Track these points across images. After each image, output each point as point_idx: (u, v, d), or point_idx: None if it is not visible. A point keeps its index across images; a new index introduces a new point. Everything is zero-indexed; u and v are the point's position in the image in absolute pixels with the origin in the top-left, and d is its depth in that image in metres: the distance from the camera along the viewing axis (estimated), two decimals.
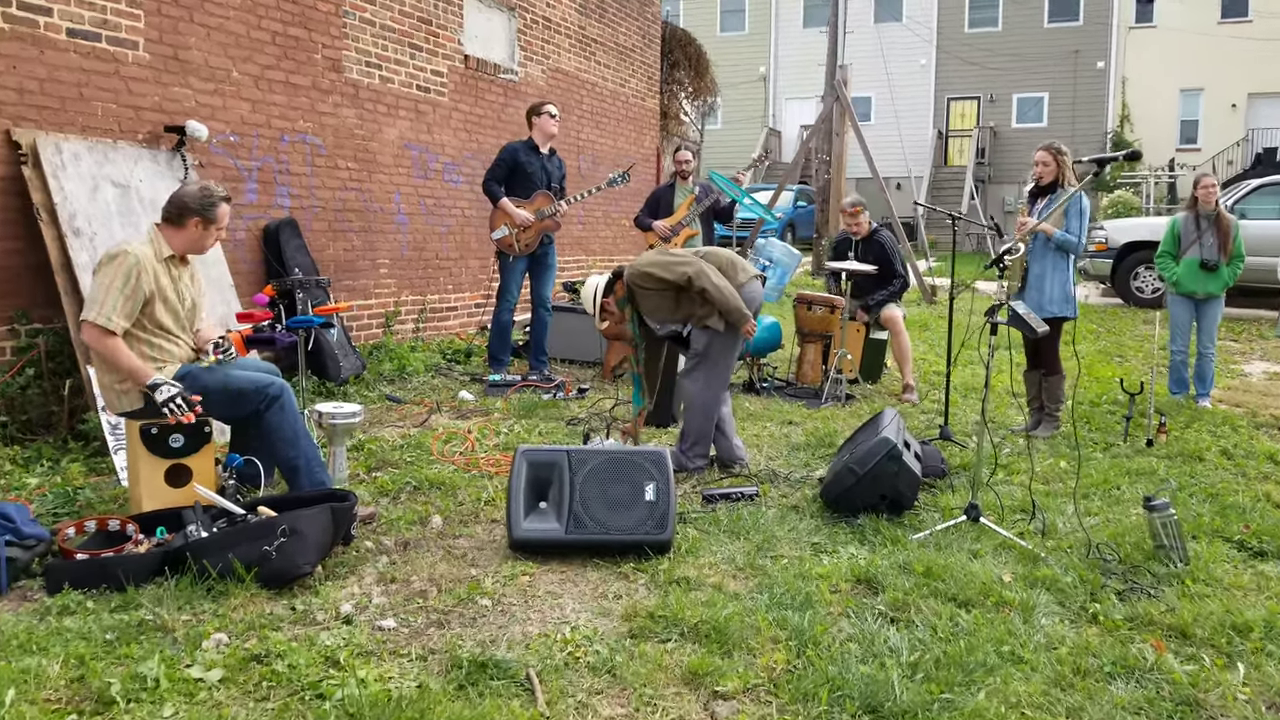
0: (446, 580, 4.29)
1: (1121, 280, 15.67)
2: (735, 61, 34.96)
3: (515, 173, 8.43)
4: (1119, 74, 33.32)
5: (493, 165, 8.49)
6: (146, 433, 4.74)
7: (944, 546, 4.82)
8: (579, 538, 4.54)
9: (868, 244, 8.81)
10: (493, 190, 8.36)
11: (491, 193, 8.36)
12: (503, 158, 8.45)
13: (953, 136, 35.75)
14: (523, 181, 8.43)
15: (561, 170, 8.68)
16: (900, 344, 8.58)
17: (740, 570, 4.50)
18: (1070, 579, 4.47)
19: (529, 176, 8.42)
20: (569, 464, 4.67)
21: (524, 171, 8.41)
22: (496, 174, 8.41)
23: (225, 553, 4.12)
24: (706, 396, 6.01)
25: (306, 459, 4.95)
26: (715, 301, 5.74)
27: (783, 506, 5.43)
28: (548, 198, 8.38)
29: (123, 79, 6.76)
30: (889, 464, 5.13)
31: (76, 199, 6.19)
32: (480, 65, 10.61)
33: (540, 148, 8.50)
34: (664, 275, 5.79)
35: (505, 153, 8.48)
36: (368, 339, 9.09)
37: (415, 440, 6.51)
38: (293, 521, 4.17)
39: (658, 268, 5.82)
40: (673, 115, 16.87)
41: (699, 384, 6.01)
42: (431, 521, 5.02)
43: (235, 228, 7.67)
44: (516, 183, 8.43)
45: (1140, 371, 10.24)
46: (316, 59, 8.40)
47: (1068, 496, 5.77)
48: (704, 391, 6.00)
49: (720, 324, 5.84)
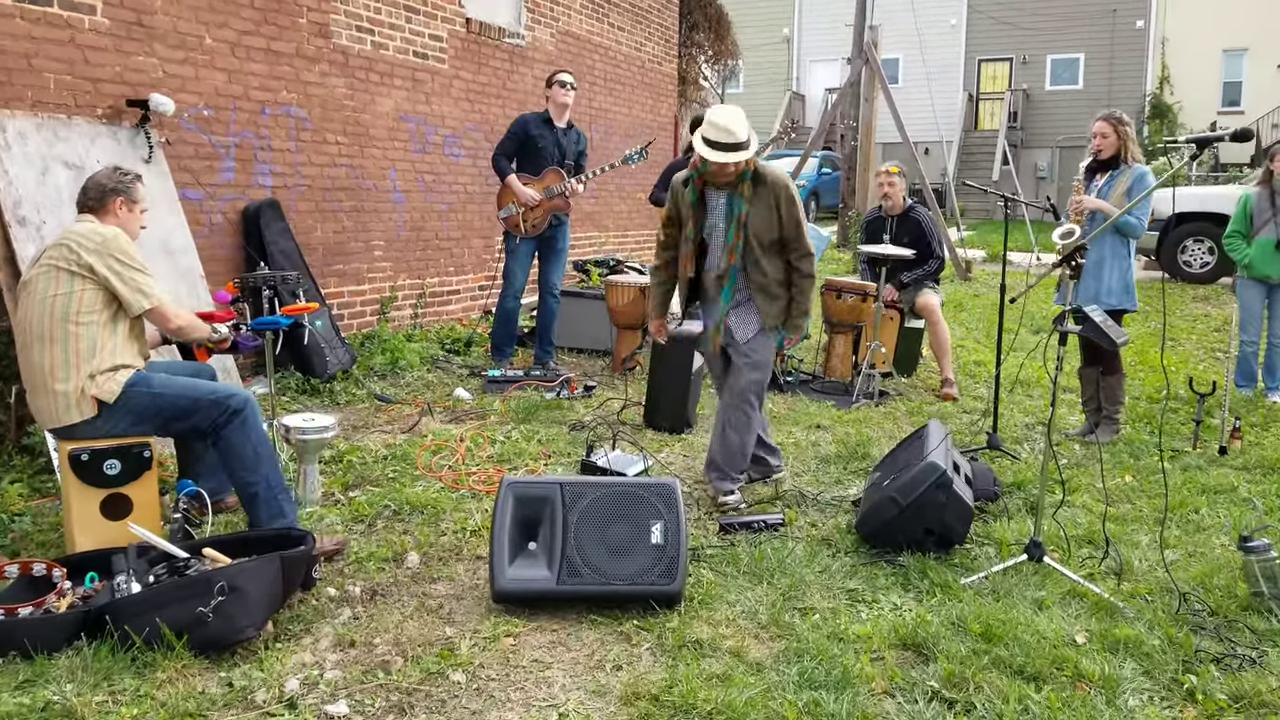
0: (415, 644, 3.62)
1: (1168, 255, 14.84)
2: (757, 22, 33.89)
3: (526, 147, 7.77)
4: (1158, 34, 32.13)
5: (503, 138, 7.84)
6: (77, 459, 4.10)
7: (1003, 594, 4.12)
8: (573, 588, 3.87)
9: (903, 222, 8.05)
10: (500, 165, 7.71)
11: (499, 168, 7.71)
12: (513, 130, 7.80)
13: (984, 99, 34.65)
14: (533, 156, 7.76)
15: (580, 145, 7.98)
16: (938, 334, 7.83)
17: (763, 629, 3.81)
18: (1157, 640, 3.77)
19: (539, 151, 7.75)
20: (562, 499, 3.98)
21: (534, 146, 7.75)
22: (505, 148, 7.77)
23: (153, 614, 3.47)
24: (758, 419, 5.31)
25: (268, 484, 4.30)
26: (805, 290, 5.13)
27: (812, 539, 4.73)
28: (558, 174, 7.68)
29: (78, 48, 6.06)
30: (937, 493, 4.42)
31: (23, 183, 5.52)
32: (483, 29, 9.85)
33: (556, 120, 7.81)
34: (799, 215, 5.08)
35: (516, 125, 7.82)
36: (361, 327, 8.40)
37: (401, 451, 5.84)
38: (234, 577, 3.51)
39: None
40: (691, 80, 16.06)
41: (755, 406, 5.23)
42: (407, 559, 4.36)
43: (210, 211, 6.98)
44: (527, 158, 7.79)
45: (1198, 358, 9.47)
46: (301, 23, 7.67)
47: (1138, 521, 5.06)
48: (757, 414, 5.27)
49: (781, 319, 5.17)
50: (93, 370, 4.09)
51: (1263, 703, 3.39)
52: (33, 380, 4.14)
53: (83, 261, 4.07)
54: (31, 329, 4.10)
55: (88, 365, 4.08)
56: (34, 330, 4.09)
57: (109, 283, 4.10)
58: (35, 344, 4.09)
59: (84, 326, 4.08)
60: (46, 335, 4.07)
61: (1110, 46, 32.44)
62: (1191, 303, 13.06)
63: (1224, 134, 3.98)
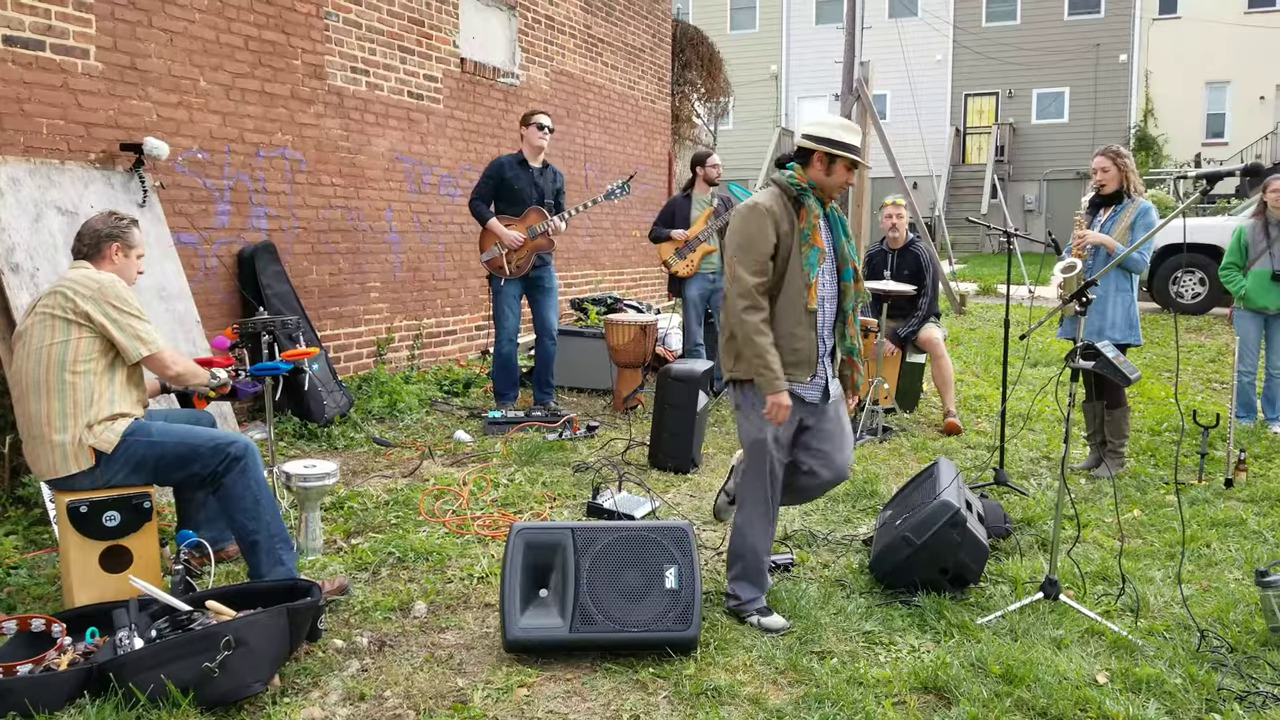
0: (427, 696, 3.53)
1: (1160, 286, 14.86)
2: (746, 60, 34.09)
3: (503, 189, 7.67)
4: (1142, 67, 32.42)
5: (479, 182, 7.73)
6: (75, 511, 4.01)
7: (1021, 634, 4.05)
8: (587, 636, 3.78)
9: (903, 255, 8.02)
10: (479, 210, 7.62)
11: (478, 213, 7.62)
12: (489, 174, 7.69)
13: (971, 134, 34.89)
14: (512, 198, 7.66)
15: (557, 184, 7.89)
16: (941, 369, 7.78)
17: (781, 674, 3.73)
18: (1179, 679, 3.70)
19: (517, 193, 7.65)
20: (574, 544, 3.90)
21: (511, 188, 7.64)
22: (482, 192, 7.67)
23: (157, 671, 3.38)
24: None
25: (269, 534, 4.22)
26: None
27: (825, 580, 4.65)
28: (540, 214, 7.60)
29: (71, 92, 6.02)
30: (951, 533, 4.35)
31: (16, 230, 5.46)
32: (478, 69, 9.85)
33: (531, 161, 7.72)
34: None
35: (491, 168, 7.72)
36: (357, 370, 8.33)
37: (403, 496, 5.75)
38: (240, 631, 3.42)
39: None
40: (684, 118, 16.09)
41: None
42: (414, 609, 4.26)
43: (205, 255, 6.93)
44: (506, 200, 7.68)
45: (1196, 389, 9.44)
46: (296, 65, 7.65)
47: (1150, 556, 5.00)
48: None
49: None
50: (90, 420, 4.01)
51: None
52: (29, 431, 4.06)
53: (79, 309, 4.01)
54: (28, 379, 4.02)
55: (85, 415, 4.01)
56: (30, 380, 4.02)
57: (106, 330, 4.04)
58: (31, 394, 4.01)
59: (81, 375, 4.01)
60: (43, 385, 4.00)
61: (1094, 80, 32.72)
62: (1185, 333, 13.05)
63: (1235, 169, 3.97)
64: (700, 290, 8.45)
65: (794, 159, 4.17)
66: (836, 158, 4.07)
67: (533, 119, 7.68)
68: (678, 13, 28.59)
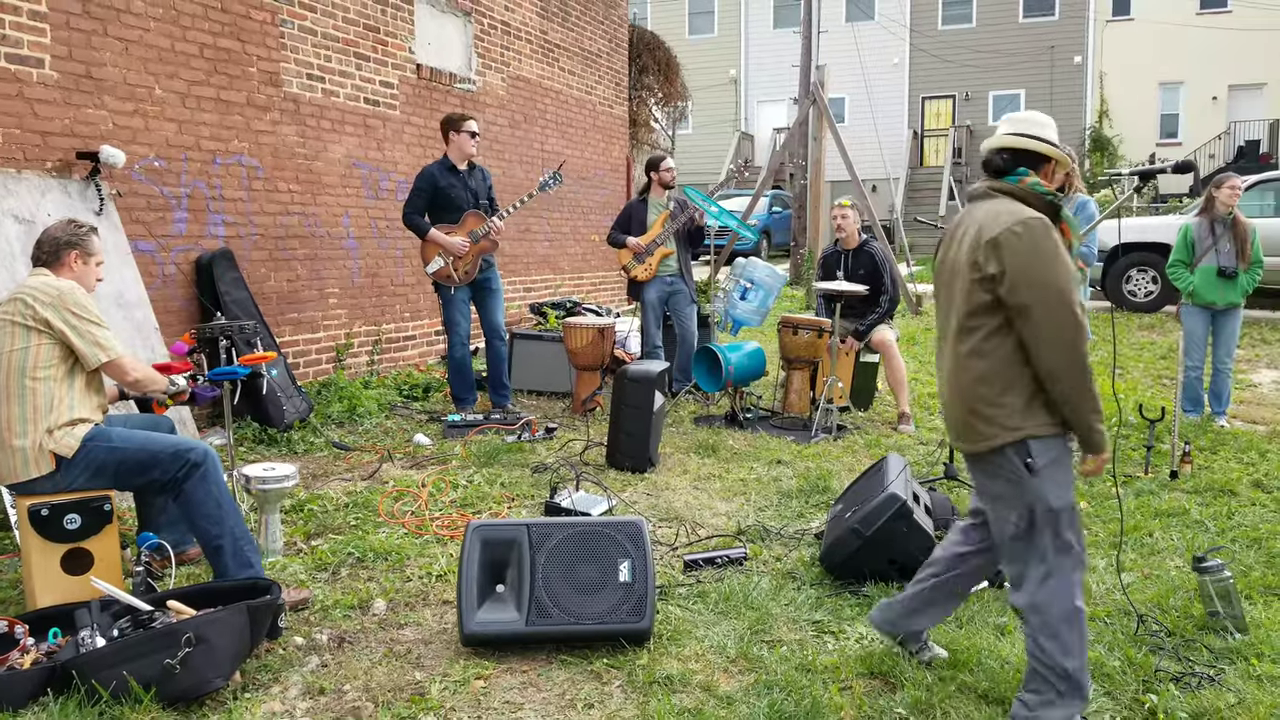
0: (385, 689, 3.60)
1: (1113, 284, 15.09)
2: (705, 65, 34.29)
3: (437, 198, 7.63)
4: (1097, 69, 32.83)
5: (410, 195, 7.66)
6: (36, 514, 4.06)
7: (965, 621, 4.18)
8: (542, 629, 3.87)
9: (857, 256, 8.16)
10: (416, 224, 7.57)
11: (416, 226, 7.58)
12: (420, 186, 7.62)
13: (928, 136, 35.19)
14: (447, 206, 7.64)
15: (487, 182, 7.89)
16: (894, 369, 7.92)
17: (732, 663, 3.83)
18: (1117, 661, 3.84)
19: (452, 200, 7.64)
20: (529, 541, 3.99)
21: (445, 195, 7.62)
22: (416, 204, 7.60)
23: (119, 668, 3.44)
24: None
25: (233, 537, 4.26)
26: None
27: (777, 573, 4.76)
28: (479, 217, 7.63)
29: (27, 101, 6.04)
30: (898, 524, 4.48)
31: None
32: (434, 75, 9.91)
33: (458, 165, 7.70)
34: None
35: (421, 180, 7.65)
36: (316, 375, 8.37)
37: (362, 498, 5.81)
38: (201, 628, 3.49)
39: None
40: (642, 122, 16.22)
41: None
42: (373, 606, 4.34)
43: (163, 262, 6.96)
44: (441, 208, 7.64)
45: (1145, 385, 9.64)
46: (251, 72, 7.69)
47: (1094, 546, 5.15)
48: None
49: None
50: (50, 425, 4.06)
51: (1221, 717, 3.45)
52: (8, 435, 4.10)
53: (39, 316, 4.05)
54: None
55: (45, 420, 4.06)
56: None
57: (65, 336, 4.09)
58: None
59: (41, 381, 4.06)
60: (3, 391, 4.04)
61: (1050, 82, 33.08)
62: (1137, 331, 13.28)
63: (1166, 166, 4.13)
64: (659, 293, 8.55)
65: (1024, 165, 3.38)
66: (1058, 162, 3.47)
67: (464, 126, 7.63)
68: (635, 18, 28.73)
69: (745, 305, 8.31)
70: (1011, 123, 3.49)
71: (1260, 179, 14.70)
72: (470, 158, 7.74)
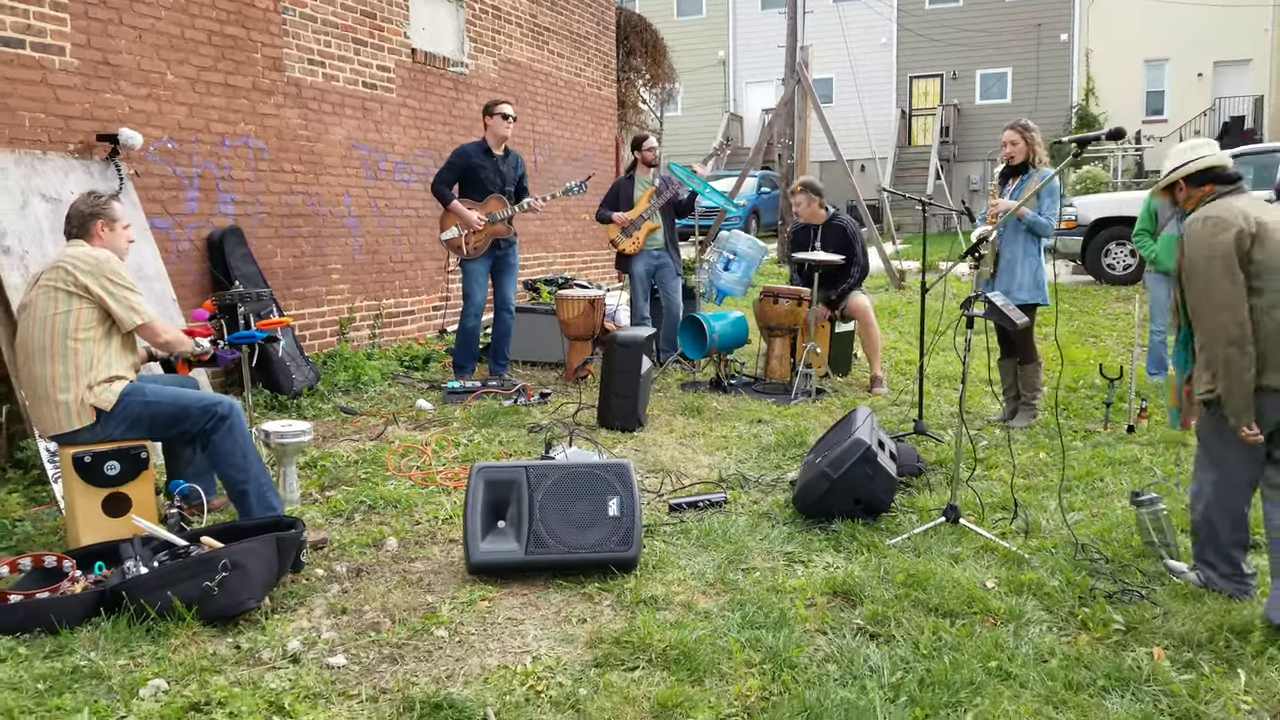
0: (401, 609, 4.04)
1: (1092, 258, 15.48)
2: (693, 46, 34.62)
3: (468, 176, 8.12)
4: (1082, 47, 33.16)
5: (443, 168, 8.16)
6: (80, 461, 4.48)
7: (923, 551, 4.62)
8: (540, 558, 4.31)
9: (828, 229, 8.58)
10: (442, 192, 8.06)
11: (441, 195, 8.06)
12: (453, 162, 8.12)
13: (916, 115, 35.57)
14: (476, 185, 8.12)
15: (519, 169, 8.37)
16: (870, 335, 8.36)
17: (710, 586, 4.27)
18: (1057, 583, 4.28)
19: (481, 181, 8.10)
20: (528, 481, 4.43)
21: (476, 175, 8.10)
22: (446, 177, 8.10)
23: (164, 590, 3.87)
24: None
25: (257, 483, 4.71)
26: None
27: (754, 514, 5.20)
28: (501, 201, 8.08)
29: (50, 87, 6.44)
30: (863, 467, 4.92)
31: (4, 216, 5.88)
32: (428, 59, 10.31)
33: (494, 149, 8.17)
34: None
35: (456, 156, 8.14)
36: (322, 348, 8.79)
37: (370, 455, 6.24)
38: (235, 555, 3.91)
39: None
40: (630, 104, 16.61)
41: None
42: (386, 544, 4.77)
43: (177, 239, 7.36)
44: (470, 185, 8.13)
45: (1117, 352, 10.08)
46: (256, 58, 8.08)
47: (1050, 491, 5.58)
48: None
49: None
50: (90, 381, 4.48)
51: (1150, 629, 3.88)
52: (35, 392, 4.52)
53: (79, 282, 4.46)
54: (34, 345, 4.48)
55: (86, 377, 4.47)
56: (36, 346, 4.47)
57: (103, 301, 4.50)
58: (37, 359, 4.46)
59: (82, 342, 4.47)
60: (48, 351, 4.45)
61: (1036, 60, 33.45)
62: (1114, 302, 13.72)
63: (1100, 134, 4.56)
64: (646, 266, 8.97)
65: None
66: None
67: (497, 109, 8.10)
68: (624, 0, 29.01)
69: (729, 276, 8.73)
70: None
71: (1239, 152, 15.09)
72: (505, 141, 8.18)
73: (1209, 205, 4.02)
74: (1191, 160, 4.11)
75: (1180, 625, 3.87)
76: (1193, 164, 4.10)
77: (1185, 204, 4.15)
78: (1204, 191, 4.10)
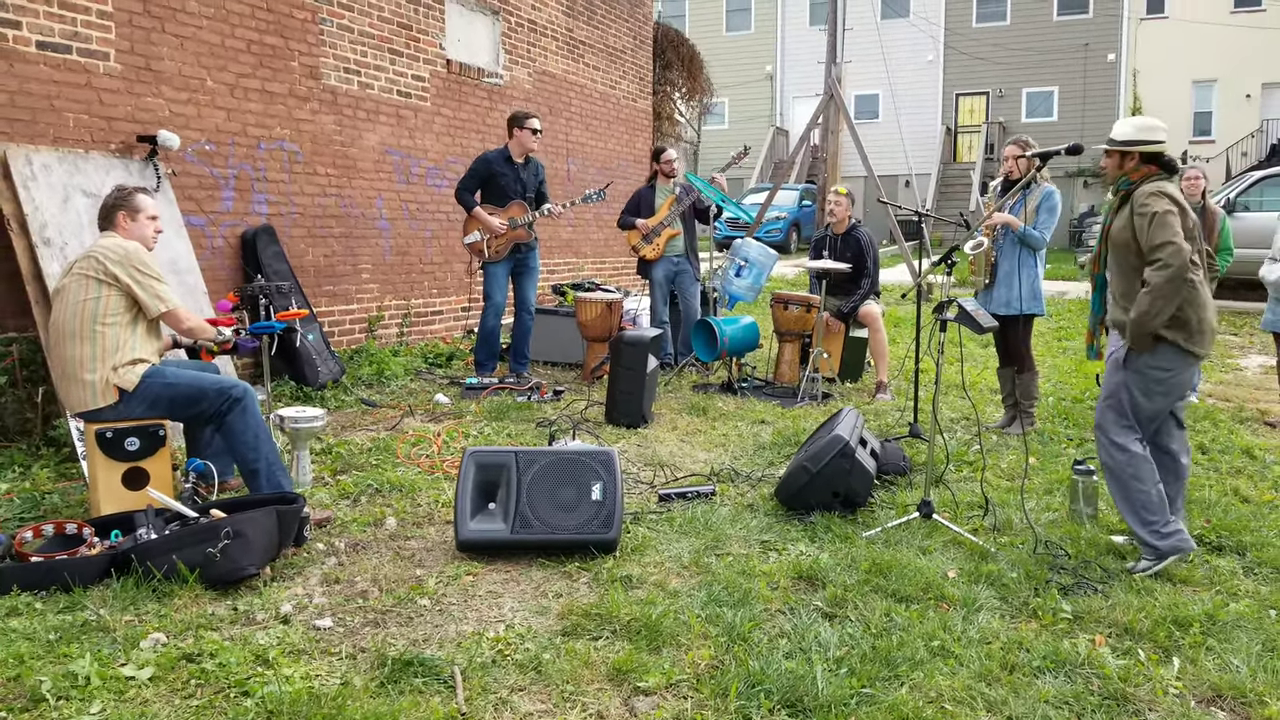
0: (390, 581, 4.33)
1: None
2: (742, 61, 34.96)
3: (490, 183, 8.44)
4: (1130, 66, 33.06)
5: (466, 175, 8.47)
6: (102, 436, 4.81)
7: (894, 543, 4.84)
8: (524, 537, 4.58)
9: (845, 240, 8.81)
10: (466, 199, 8.37)
11: (464, 201, 8.37)
12: (476, 169, 8.44)
13: (962, 132, 35.61)
14: (497, 192, 8.44)
15: (539, 176, 8.68)
16: (877, 340, 8.57)
17: (685, 568, 4.52)
18: (1016, 575, 4.48)
19: (503, 188, 8.43)
20: (517, 465, 4.71)
21: (498, 183, 8.42)
22: (469, 184, 8.42)
23: (170, 554, 4.18)
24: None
25: (267, 463, 5.02)
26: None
27: (738, 505, 5.45)
28: (522, 208, 8.40)
29: (94, 90, 6.83)
30: (841, 461, 5.15)
31: (47, 209, 6.26)
32: (463, 69, 10.66)
33: (515, 158, 8.49)
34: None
35: (479, 164, 8.46)
36: (350, 344, 9.14)
37: (384, 443, 6.55)
38: (236, 524, 4.22)
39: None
40: (666, 116, 16.90)
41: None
42: (385, 523, 5.07)
43: (212, 235, 7.74)
44: (492, 192, 8.45)
45: None
46: (294, 66, 8.46)
47: (1030, 492, 5.77)
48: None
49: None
50: (115, 363, 4.81)
51: (1097, 619, 4.09)
52: (64, 371, 4.86)
53: (108, 271, 4.80)
54: (65, 328, 4.82)
55: (111, 359, 4.80)
56: (66, 329, 4.81)
57: (131, 289, 4.83)
58: (68, 341, 4.81)
59: (109, 327, 4.80)
60: (78, 334, 4.79)
61: (1083, 79, 33.36)
62: None
63: (1059, 149, 4.79)
64: (665, 272, 9.24)
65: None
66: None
67: (526, 123, 8.42)
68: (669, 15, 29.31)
69: (740, 282, 8.98)
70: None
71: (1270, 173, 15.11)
72: (529, 152, 8.51)
73: (1161, 182, 4.60)
74: (1159, 141, 4.63)
75: (1124, 616, 4.07)
76: (1158, 145, 4.63)
77: (1130, 173, 4.66)
78: (1149, 170, 4.64)
